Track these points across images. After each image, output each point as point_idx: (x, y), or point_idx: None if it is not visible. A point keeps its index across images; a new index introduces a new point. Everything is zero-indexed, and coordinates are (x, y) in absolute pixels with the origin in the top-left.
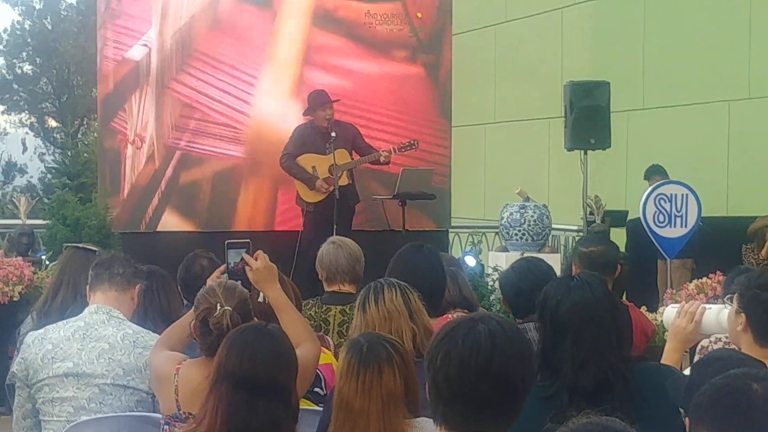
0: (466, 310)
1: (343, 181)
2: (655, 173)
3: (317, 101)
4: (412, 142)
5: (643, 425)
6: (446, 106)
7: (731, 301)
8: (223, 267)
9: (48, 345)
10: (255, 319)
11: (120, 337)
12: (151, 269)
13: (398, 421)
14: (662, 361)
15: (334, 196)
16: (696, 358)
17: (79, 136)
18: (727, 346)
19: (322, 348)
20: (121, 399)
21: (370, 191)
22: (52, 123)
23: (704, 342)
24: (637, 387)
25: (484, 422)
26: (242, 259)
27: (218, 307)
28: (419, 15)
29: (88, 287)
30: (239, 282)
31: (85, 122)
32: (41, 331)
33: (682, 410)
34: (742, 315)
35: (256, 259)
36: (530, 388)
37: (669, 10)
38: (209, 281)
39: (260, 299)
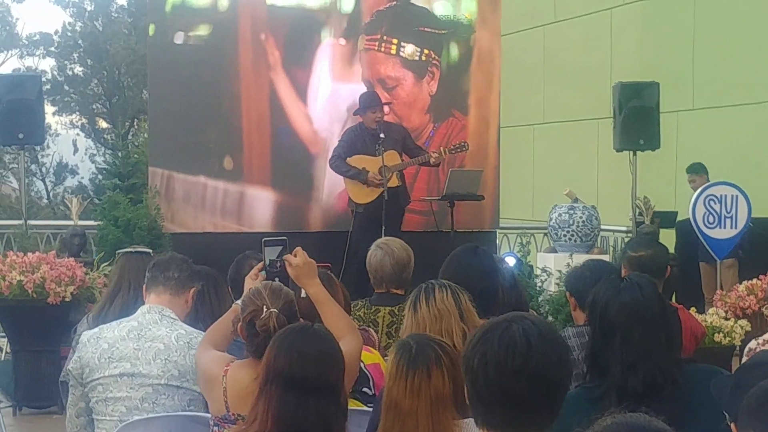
0: None
1: (393, 182)
2: (693, 171)
3: (367, 102)
4: (462, 143)
5: (691, 427)
6: (495, 106)
7: None
8: (260, 264)
9: (104, 344)
10: (301, 320)
11: (174, 338)
12: (203, 270)
13: (447, 422)
14: None
15: (383, 198)
16: (744, 359)
17: (130, 137)
18: None
19: (370, 348)
20: (173, 399)
21: (419, 192)
22: (103, 124)
23: (752, 344)
24: (687, 389)
25: (525, 422)
26: (279, 255)
27: (264, 309)
28: (467, 16)
29: (144, 287)
30: (277, 279)
31: (135, 123)
32: (95, 330)
33: (726, 413)
34: None
35: (295, 256)
36: (568, 388)
37: (719, 10)
38: (248, 279)
39: (302, 295)
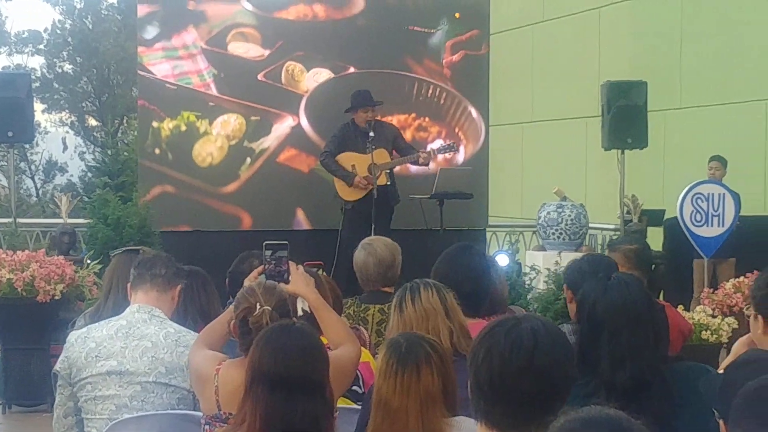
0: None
1: (382, 180)
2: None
3: (359, 101)
4: (451, 143)
5: (679, 425)
6: (484, 104)
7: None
8: (260, 268)
9: (91, 343)
10: (294, 318)
11: (162, 336)
12: (192, 269)
13: (436, 420)
14: None
15: (373, 195)
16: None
17: (119, 135)
18: None
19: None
20: (162, 397)
21: (409, 190)
22: (92, 122)
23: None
24: (674, 386)
25: (524, 420)
26: (280, 258)
27: (258, 307)
28: (457, 15)
29: (129, 285)
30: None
31: (125, 121)
32: (84, 330)
33: (715, 411)
34: (759, 317)
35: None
36: (571, 389)
37: (706, 9)
38: (246, 282)
39: (300, 312)
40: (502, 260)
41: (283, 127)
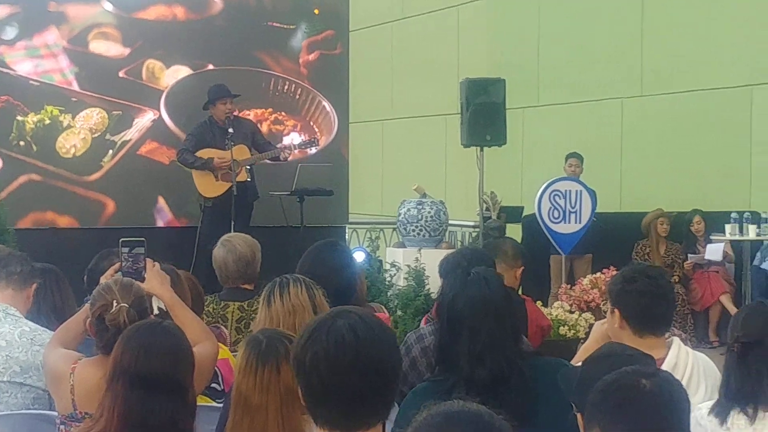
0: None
1: (242, 177)
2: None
3: (217, 95)
4: (312, 139)
5: (538, 418)
6: (343, 101)
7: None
8: (117, 265)
9: None
10: (152, 316)
11: (17, 335)
12: (45, 267)
13: (296, 417)
14: None
15: (232, 192)
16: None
17: None
18: None
19: (219, 343)
20: (17, 396)
21: (268, 187)
22: None
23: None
24: (533, 381)
25: (362, 415)
26: (137, 256)
27: (114, 304)
28: (316, 11)
29: None
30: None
31: None
32: None
33: (573, 404)
34: (616, 311)
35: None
36: (399, 376)
37: (563, 9)
38: (103, 279)
39: (155, 311)
40: (358, 256)
41: (144, 121)
